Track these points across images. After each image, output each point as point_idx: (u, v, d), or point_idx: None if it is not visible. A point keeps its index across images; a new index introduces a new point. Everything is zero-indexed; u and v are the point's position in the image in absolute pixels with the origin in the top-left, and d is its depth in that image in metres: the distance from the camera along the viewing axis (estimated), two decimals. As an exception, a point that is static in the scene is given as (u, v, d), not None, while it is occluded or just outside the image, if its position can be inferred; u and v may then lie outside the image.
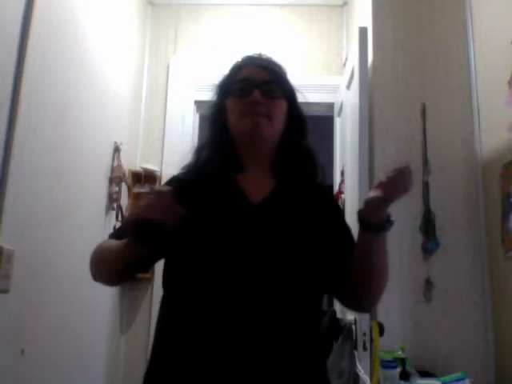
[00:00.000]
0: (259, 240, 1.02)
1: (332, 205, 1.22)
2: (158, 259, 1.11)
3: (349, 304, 1.21)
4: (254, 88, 1.10)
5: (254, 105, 1.09)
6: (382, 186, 1.00)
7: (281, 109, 1.14)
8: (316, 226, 1.08)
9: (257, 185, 1.10)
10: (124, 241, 0.95)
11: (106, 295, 2.50)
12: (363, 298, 1.14)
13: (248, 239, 1.02)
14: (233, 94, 1.13)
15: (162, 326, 1.06)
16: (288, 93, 1.17)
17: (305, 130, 1.19)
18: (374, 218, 1.02)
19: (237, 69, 1.17)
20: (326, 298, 1.24)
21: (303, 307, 1.02)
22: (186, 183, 1.11)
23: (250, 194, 1.09)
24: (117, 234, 1.12)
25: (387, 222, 1.03)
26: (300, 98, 1.20)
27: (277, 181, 1.13)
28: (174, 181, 1.15)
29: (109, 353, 2.55)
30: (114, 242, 1.03)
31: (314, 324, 1.06)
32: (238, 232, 1.02)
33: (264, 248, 1.01)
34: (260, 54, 1.20)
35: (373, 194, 1.00)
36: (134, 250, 0.92)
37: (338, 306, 2.47)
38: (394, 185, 1.01)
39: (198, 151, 1.18)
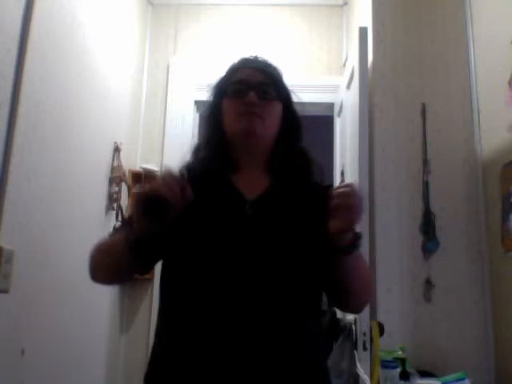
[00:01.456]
0: (254, 237, 1.03)
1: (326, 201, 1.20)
2: (157, 260, 1.11)
3: (338, 305, 1.23)
4: (250, 89, 1.10)
5: (250, 106, 1.09)
6: (338, 213, 0.94)
7: (275, 111, 1.15)
8: (310, 223, 1.07)
9: (251, 183, 1.11)
10: (125, 232, 0.98)
11: (106, 295, 2.50)
12: (349, 303, 1.16)
13: (243, 237, 1.03)
14: (228, 95, 1.14)
15: (161, 326, 1.06)
16: (283, 95, 1.18)
17: (299, 132, 1.20)
18: (342, 243, 0.98)
19: (233, 70, 1.19)
20: (325, 297, 1.24)
21: (299, 305, 1.02)
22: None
23: (245, 192, 1.10)
24: (116, 234, 1.13)
25: (356, 240, 0.99)
26: (296, 100, 1.21)
27: (271, 179, 1.14)
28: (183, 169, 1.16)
29: (109, 353, 2.55)
30: (115, 237, 1.05)
31: (311, 322, 1.05)
32: (233, 230, 1.03)
33: (259, 245, 1.02)
34: (256, 57, 1.21)
35: (333, 224, 0.94)
36: (138, 230, 0.94)
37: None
38: (350, 209, 0.93)
39: (195, 152, 1.20)
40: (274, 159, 1.16)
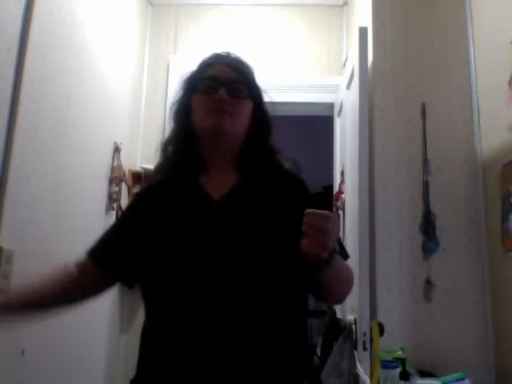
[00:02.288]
0: (221, 237, 1.02)
1: (300, 195, 1.15)
2: (138, 274, 1.11)
3: (318, 299, 1.22)
4: (221, 86, 1.09)
5: (219, 103, 1.08)
6: (309, 233, 0.90)
7: (246, 109, 1.13)
8: (279, 219, 1.05)
9: (219, 182, 1.11)
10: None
11: (106, 296, 2.49)
12: (328, 299, 1.19)
13: (208, 238, 1.02)
14: (199, 91, 1.13)
15: (144, 332, 1.08)
16: (254, 93, 1.16)
17: (269, 131, 1.18)
18: (319, 259, 0.93)
19: (205, 66, 1.17)
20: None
21: (271, 305, 1.00)
22: (148, 193, 1.17)
23: (212, 191, 1.09)
24: (92, 251, 1.19)
25: (330, 257, 0.95)
26: (267, 99, 1.20)
27: (239, 177, 1.13)
28: (136, 196, 1.21)
29: (109, 353, 2.55)
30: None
31: (285, 321, 1.02)
32: (199, 232, 1.03)
33: (225, 244, 1.01)
34: (229, 53, 1.20)
35: (304, 243, 0.91)
36: None
37: (338, 306, 2.47)
38: (321, 231, 0.90)
39: (164, 148, 1.19)
40: (242, 157, 1.15)
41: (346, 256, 1.12)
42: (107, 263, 1.14)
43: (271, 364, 0.97)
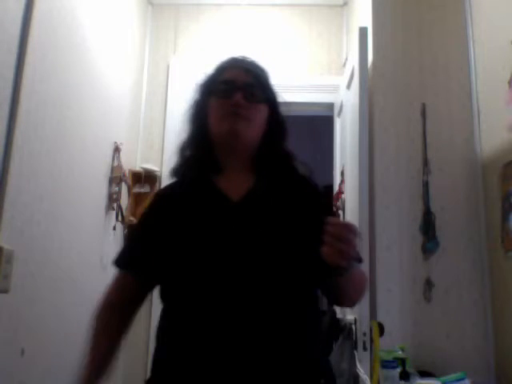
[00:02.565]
0: (239, 238, 1.03)
1: (318, 201, 1.18)
2: (158, 277, 1.12)
3: (332, 303, 1.25)
4: (237, 90, 1.10)
5: (235, 107, 1.09)
6: (331, 242, 0.90)
7: (261, 113, 1.14)
8: (297, 220, 1.07)
9: (236, 184, 1.11)
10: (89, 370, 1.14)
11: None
12: (343, 303, 1.21)
13: (229, 238, 1.03)
14: (215, 95, 1.14)
15: (161, 331, 1.07)
16: (270, 97, 1.17)
17: (284, 133, 1.20)
18: (339, 267, 0.94)
19: (221, 69, 1.18)
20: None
21: (291, 304, 1.02)
22: (167, 195, 1.18)
23: (229, 193, 1.10)
24: (124, 262, 1.17)
25: (349, 265, 0.95)
26: (281, 101, 1.21)
27: (256, 179, 1.14)
28: (157, 197, 1.21)
29: (109, 353, 2.55)
30: (95, 347, 1.13)
31: (305, 320, 1.04)
32: (219, 233, 1.04)
33: (246, 246, 1.02)
34: (245, 57, 1.21)
35: (327, 252, 0.90)
36: None
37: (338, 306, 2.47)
38: (343, 241, 0.90)
39: (182, 150, 1.20)
40: (258, 160, 1.16)
41: (359, 260, 1.13)
42: (145, 273, 1.13)
43: (291, 365, 0.98)
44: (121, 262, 1.17)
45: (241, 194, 1.10)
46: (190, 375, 0.97)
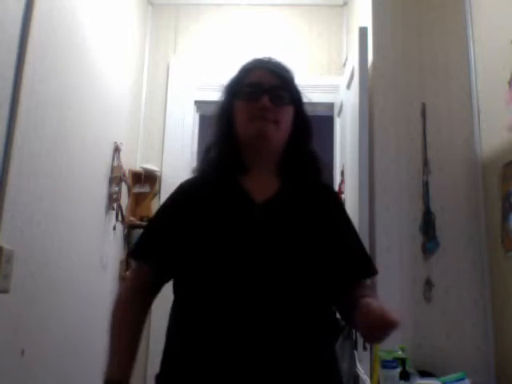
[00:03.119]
0: (263, 241, 1.03)
1: (338, 206, 1.22)
2: (175, 270, 1.12)
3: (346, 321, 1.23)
4: (263, 93, 1.10)
5: (263, 111, 1.09)
6: (370, 321, 0.90)
7: (288, 115, 1.15)
8: (320, 225, 1.08)
9: (261, 186, 1.12)
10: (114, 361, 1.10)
11: (107, 295, 2.50)
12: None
13: (252, 240, 1.03)
14: (241, 98, 1.13)
15: (172, 328, 1.07)
16: (295, 98, 1.17)
17: (310, 134, 1.20)
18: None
19: (246, 71, 1.18)
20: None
21: (309, 308, 1.02)
22: (192, 189, 1.16)
23: (254, 194, 1.10)
24: (141, 253, 1.15)
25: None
26: (305, 100, 1.21)
27: (281, 182, 1.14)
28: (181, 189, 1.19)
29: (109, 353, 2.55)
30: (117, 343, 1.13)
31: (322, 326, 1.05)
32: (242, 234, 1.04)
33: (268, 248, 1.02)
34: (270, 58, 1.20)
35: (365, 329, 0.92)
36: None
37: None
38: (382, 328, 0.89)
39: (206, 152, 1.19)
40: (284, 162, 1.16)
41: (374, 272, 1.15)
42: (161, 264, 1.12)
43: (304, 366, 0.98)
44: (138, 252, 1.16)
45: (266, 195, 1.10)
46: (202, 372, 0.97)
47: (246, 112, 1.12)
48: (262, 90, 1.10)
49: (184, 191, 1.18)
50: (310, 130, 1.20)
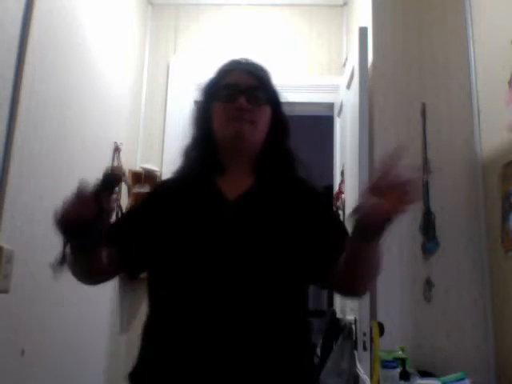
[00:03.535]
0: (232, 235, 1.04)
1: (317, 201, 1.19)
2: (144, 266, 1.13)
3: (338, 291, 1.22)
4: (240, 94, 1.11)
5: (240, 111, 1.10)
6: (382, 191, 0.87)
7: (265, 115, 1.15)
8: (294, 220, 1.08)
9: (234, 184, 1.13)
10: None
11: (106, 295, 2.50)
12: (354, 288, 1.13)
13: (221, 235, 1.04)
14: (219, 99, 1.15)
15: (147, 325, 1.08)
16: (272, 98, 1.18)
17: (287, 133, 1.21)
18: (372, 226, 0.94)
19: (223, 72, 1.20)
20: (325, 297, 1.23)
21: (278, 304, 1.02)
22: (166, 188, 1.20)
23: (227, 192, 1.11)
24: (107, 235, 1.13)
25: (387, 224, 0.93)
26: (283, 100, 1.21)
27: (255, 179, 1.15)
28: (156, 186, 1.24)
29: (109, 352, 2.55)
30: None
31: (292, 320, 1.05)
32: (212, 230, 1.05)
33: (237, 244, 1.03)
34: (246, 59, 1.22)
35: (370, 200, 0.87)
36: (74, 246, 0.97)
37: (338, 306, 2.47)
38: (400, 191, 0.88)
39: (187, 152, 1.21)
40: (260, 161, 1.17)
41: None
42: (117, 243, 1.12)
43: (274, 363, 0.98)
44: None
45: (238, 193, 1.11)
46: (173, 372, 0.98)
47: (223, 113, 1.13)
48: (239, 91, 1.11)
49: (159, 188, 1.23)
50: (287, 129, 1.20)
